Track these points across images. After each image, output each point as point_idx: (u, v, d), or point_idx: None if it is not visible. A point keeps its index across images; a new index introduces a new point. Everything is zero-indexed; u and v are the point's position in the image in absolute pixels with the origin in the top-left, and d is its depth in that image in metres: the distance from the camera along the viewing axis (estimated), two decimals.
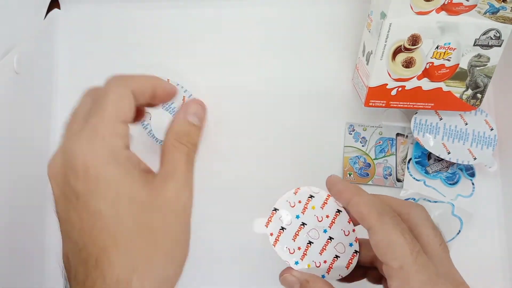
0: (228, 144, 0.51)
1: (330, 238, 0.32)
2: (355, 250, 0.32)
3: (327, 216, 0.32)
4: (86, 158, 0.24)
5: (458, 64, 0.43)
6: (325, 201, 0.33)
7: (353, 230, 0.33)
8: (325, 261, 0.32)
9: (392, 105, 0.46)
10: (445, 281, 0.28)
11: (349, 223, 0.32)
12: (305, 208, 0.33)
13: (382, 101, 0.46)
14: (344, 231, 0.32)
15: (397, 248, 0.27)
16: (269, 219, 0.33)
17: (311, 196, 0.33)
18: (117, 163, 0.25)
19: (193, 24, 0.53)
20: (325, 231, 0.32)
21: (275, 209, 0.33)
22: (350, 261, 0.32)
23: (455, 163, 0.48)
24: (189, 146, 0.28)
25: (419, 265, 0.27)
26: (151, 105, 0.31)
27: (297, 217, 0.33)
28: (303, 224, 0.33)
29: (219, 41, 0.53)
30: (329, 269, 0.32)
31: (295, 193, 0.33)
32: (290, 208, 0.33)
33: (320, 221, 0.32)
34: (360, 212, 0.29)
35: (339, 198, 0.32)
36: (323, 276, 0.32)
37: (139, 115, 0.32)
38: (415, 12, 0.40)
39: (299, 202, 0.33)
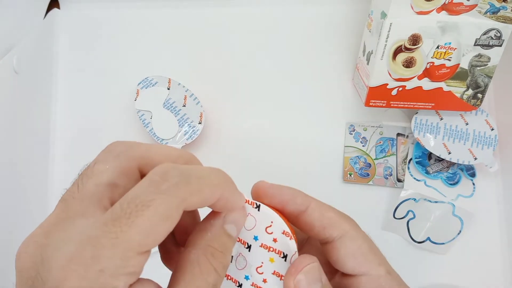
0: (228, 143, 0.51)
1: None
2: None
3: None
4: (64, 284, 0.16)
5: (459, 64, 0.43)
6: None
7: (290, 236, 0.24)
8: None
9: (392, 105, 0.46)
10: None
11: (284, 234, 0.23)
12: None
13: (382, 101, 0.46)
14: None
15: (377, 253, 0.24)
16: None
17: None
18: None
19: (194, 24, 0.53)
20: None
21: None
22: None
23: (455, 163, 0.48)
24: (220, 271, 0.20)
25: (393, 273, 0.25)
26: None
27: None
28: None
29: (219, 41, 0.53)
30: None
31: None
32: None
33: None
34: (329, 217, 0.24)
35: (290, 205, 0.24)
36: None
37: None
38: (416, 12, 0.40)
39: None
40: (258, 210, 0.23)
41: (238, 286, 0.24)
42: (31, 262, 0.18)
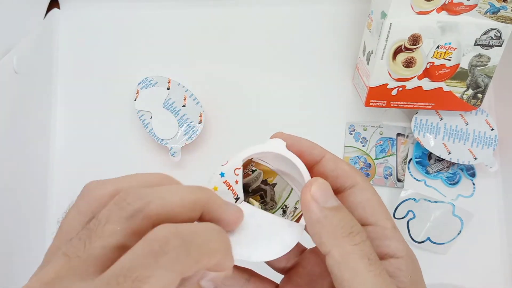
0: (228, 144, 0.51)
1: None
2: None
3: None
4: None
5: (459, 64, 0.43)
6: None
7: None
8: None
9: (392, 105, 0.46)
10: None
11: None
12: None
13: (382, 101, 0.45)
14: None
15: (385, 209, 0.25)
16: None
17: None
18: None
19: (194, 24, 0.53)
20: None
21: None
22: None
23: (455, 163, 0.48)
24: None
25: (398, 230, 0.25)
26: None
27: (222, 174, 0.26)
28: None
29: (219, 41, 0.53)
30: None
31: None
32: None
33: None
34: (342, 169, 0.25)
35: (307, 155, 0.26)
36: None
37: None
38: (416, 12, 0.40)
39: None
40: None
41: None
42: None
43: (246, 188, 0.26)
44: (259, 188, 0.27)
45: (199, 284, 0.20)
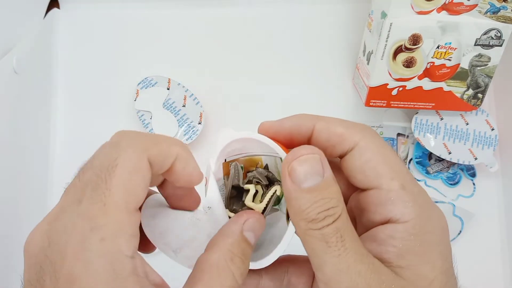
0: None
1: None
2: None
3: None
4: (73, 267, 0.17)
5: (459, 64, 0.43)
6: None
7: None
8: None
9: (392, 105, 0.46)
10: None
11: None
12: None
13: (382, 101, 0.45)
14: None
15: (393, 166, 0.22)
16: None
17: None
18: (115, 284, 0.17)
19: (193, 24, 0.53)
20: None
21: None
22: None
23: (456, 163, 0.48)
24: (237, 276, 0.20)
25: (417, 185, 0.22)
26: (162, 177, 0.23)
27: None
28: None
29: (219, 41, 0.53)
30: None
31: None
32: None
33: None
34: (338, 134, 0.23)
35: (295, 135, 0.24)
36: None
37: (187, 201, 0.24)
38: (416, 12, 0.40)
39: None
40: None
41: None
42: (39, 248, 0.18)
43: (239, 188, 0.25)
44: (249, 180, 0.26)
45: (244, 236, 0.21)
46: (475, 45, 0.42)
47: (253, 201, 0.24)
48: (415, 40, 0.41)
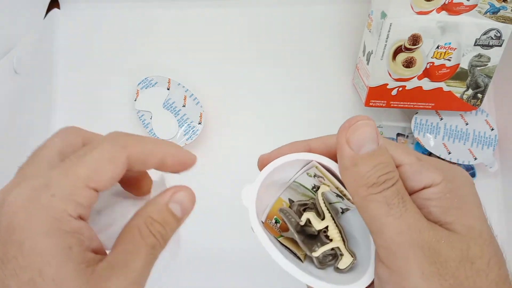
0: (228, 143, 0.51)
1: None
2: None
3: None
4: (16, 216, 0.19)
5: (459, 64, 0.43)
6: None
7: None
8: None
9: (392, 105, 0.46)
10: None
11: None
12: None
13: (382, 101, 0.46)
14: None
15: (403, 146, 0.23)
16: None
17: None
18: (54, 234, 0.19)
19: (193, 24, 0.53)
20: None
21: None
22: None
23: (455, 163, 0.48)
24: (158, 238, 0.22)
25: (425, 155, 0.24)
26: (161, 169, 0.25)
27: None
28: None
29: (219, 40, 0.53)
30: None
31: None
32: None
33: None
34: (331, 145, 0.25)
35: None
36: None
37: (140, 184, 0.26)
38: (416, 12, 0.40)
39: None
40: None
41: None
42: None
43: (302, 230, 0.26)
44: (303, 208, 0.26)
45: (168, 207, 0.22)
46: (474, 45, 0.42)
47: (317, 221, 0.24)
48: (415, 40, 0.41)
